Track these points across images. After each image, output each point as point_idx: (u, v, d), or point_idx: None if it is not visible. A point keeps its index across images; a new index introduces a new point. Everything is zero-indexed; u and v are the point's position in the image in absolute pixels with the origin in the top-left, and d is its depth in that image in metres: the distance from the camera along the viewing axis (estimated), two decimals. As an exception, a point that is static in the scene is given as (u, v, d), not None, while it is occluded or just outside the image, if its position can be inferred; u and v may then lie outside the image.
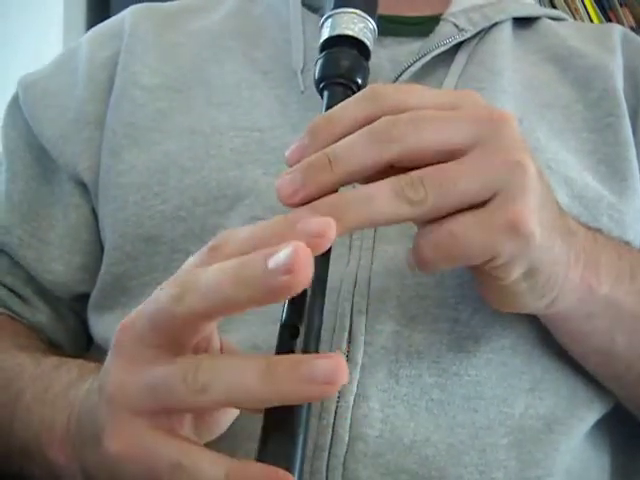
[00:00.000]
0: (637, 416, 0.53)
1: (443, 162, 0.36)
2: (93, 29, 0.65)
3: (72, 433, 0.41)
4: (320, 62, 0.45)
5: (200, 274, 0.33)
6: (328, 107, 0.43)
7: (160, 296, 0.34)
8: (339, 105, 0.39)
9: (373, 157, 0.36)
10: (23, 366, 0.51)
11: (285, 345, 0.34)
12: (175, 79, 0.58)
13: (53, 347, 0.59)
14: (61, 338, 0.61)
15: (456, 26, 0.57)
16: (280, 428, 0.32)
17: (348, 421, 0.44)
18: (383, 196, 0.35)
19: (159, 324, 0.34)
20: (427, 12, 0.60)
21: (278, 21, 0.60)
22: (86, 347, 0.62)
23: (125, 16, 0.63)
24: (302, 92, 0.55)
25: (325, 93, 0.44)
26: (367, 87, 0.39)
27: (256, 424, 0.43)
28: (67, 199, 0.59)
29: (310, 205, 0.35)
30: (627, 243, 0.50)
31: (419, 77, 0.55)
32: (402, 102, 0.37)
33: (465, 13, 0.58)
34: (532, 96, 0.57)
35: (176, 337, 0.34)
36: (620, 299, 0.45)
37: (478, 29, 0.57)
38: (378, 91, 0.38)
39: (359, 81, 0.44)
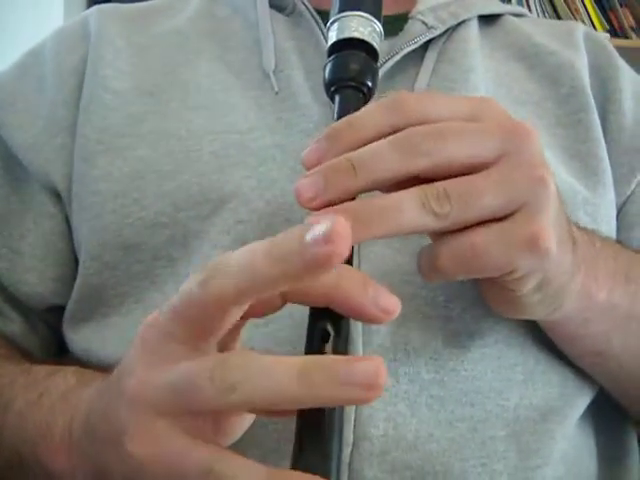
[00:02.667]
0: (625, 406, 0.55)
1: (467, 174, 0.36)
2: (56, 31, 0.63)
3: (77, 436, 0.40)
4: (329, 65, 0.45)
5: (229, 256, 0.31)
6: (341, 110, 0.42)
7: (184, 287, 0.32)
8: (361, 111, 0.38)
9: (399, 167, 0.36)
10: (12, 375, 0.50)
11: (315, 348, 0.33)
12: (147, 82, 0.57)
13: (27, 357, 0.57)
14: (34, 348, 0.59)
15: (425, 24, 0.57)
16: (314, 434, 0.32)
17: (352, 422, 0.44)
18: (409, 207, 0.35)
19: (186, 312, 0.32)
20: (394, 11, 0.60)
21: (246, 23, 0.60)
22: (57, 358, 0.60)
23: (89, 17, 0.61)
24: (276, 93, 0.54)
25: (336, 97, 0.44)
26: (390, 95, 0.39)
27: (262, 430, 0.43)
28: (40, 208, 0.57)
29: (334, 208, 0.35)
30: (618, 242, 0.52)
31: (390, 76, 0.55)
32: (426, 112, 0.38)
33: (433, 11, 0.58)
34: (504, 93, 0.58)
35: (203, 327, 0.32)
36: (616, 303, 0.46)
37: (447, 27, 0.58)
38: (402, 99, 0.38)
39: (369, 84, 0.44)
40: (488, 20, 0.63)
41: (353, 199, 0.37)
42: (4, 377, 0.50)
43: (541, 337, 0.49)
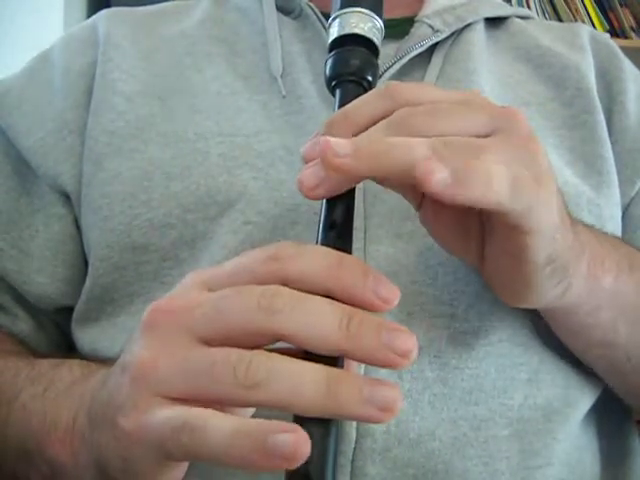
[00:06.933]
0: (631, 404, 0.55)
1: None
2: (64, 36, 0.64)
3: (80, 426, 0.40)
4: (330, 61, 0.45)
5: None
6: (341, 104, 0.43)
7: (240, 302, 0.32)
8: (355, 101, 0.39)
9: None
10: (17, 369, 0.50)
11: None
12: (155, 85, 0.57)
13: (35, 355, 0.57)
14: (42, 347, 0.60)
15: (431, 27, 0.57)
16: (311, 427, 0.31)
17: None
18: (420, 146, 0.35)
19: (230, 328, 0.32)
20: (400, 14, 0.61)
21: (253, 27, 0.60)
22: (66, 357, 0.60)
23: (97, 22, 0.62)
24: (283, 97, 0.55)
25: (337, 91, 0.44)
26: (382, 84, 0.39)
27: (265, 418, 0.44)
28: (49, 210, 0.58)
29: (353, 149, 0.35)
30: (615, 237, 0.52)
31: (397, 79, 0.55)
32: (417, 98, 0.38)
33: (439, 14, 0.59)
34: (509, 94, 0.58)
35: (238, 341, 0.32)
36: (623, 290, 0.47)
37: (453, 30, 0.58)
38: (394, 88, 0.39)
39: (370, 79, 0.44)
40: (494, 23, 0.63)
41: (354, 187, 0.37)
42: (9, 370, 0.51)
43: (546, 337, 0.49)
